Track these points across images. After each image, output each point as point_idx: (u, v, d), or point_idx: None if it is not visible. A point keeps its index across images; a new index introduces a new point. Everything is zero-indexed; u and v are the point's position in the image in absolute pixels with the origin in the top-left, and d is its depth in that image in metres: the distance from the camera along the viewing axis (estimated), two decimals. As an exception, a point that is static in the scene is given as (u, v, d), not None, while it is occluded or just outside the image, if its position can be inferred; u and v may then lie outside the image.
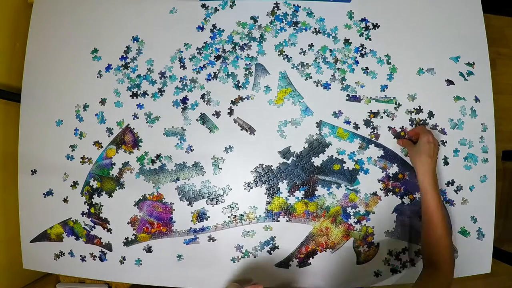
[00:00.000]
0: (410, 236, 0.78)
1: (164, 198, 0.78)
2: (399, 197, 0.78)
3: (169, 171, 0.78)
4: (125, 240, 0.79)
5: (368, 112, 0.79)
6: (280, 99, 0.79)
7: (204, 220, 0.77)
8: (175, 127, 0.79)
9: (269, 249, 0.77)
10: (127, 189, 0.78)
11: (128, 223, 0.78)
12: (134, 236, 0.78)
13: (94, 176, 0.79)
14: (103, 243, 0.79)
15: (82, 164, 0.80)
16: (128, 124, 0.79)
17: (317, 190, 0.77)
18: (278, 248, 0.77)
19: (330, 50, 0.80)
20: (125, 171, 0.79)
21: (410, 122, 0.79)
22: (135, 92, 0.80)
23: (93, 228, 0.79)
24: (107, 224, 0.79)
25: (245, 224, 0.77)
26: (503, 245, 1.33)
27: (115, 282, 1.06)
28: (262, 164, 0.78)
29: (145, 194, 0.78)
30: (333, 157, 0.78)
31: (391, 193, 0.78)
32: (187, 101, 0.79)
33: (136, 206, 0.78)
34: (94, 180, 0.79)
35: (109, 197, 0.79)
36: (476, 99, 0.80)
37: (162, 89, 0.79)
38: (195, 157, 0.78)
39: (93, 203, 0.79)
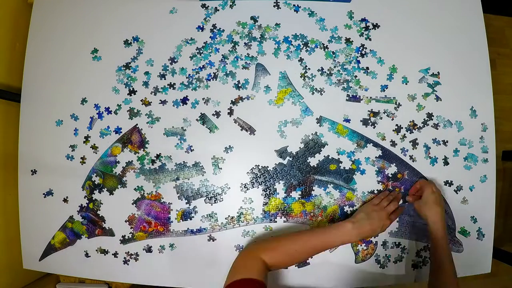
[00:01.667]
0: (412, 235, 0.78)
1: (163, 198, 0.78)
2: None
3: (169, 170, 0.78)
4: (122, 238, 0.79)
5: (368, 112, 0.79)
6: (280, 99, 0.79)
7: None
8: (175, 127, 0.79)
9: (269, 249, 0.77)
10: (128, 189, 0.79)
11: (125, 221, 0.78)
12: (131, 234, 0.78)
13: (97, 172, 0.79)
14: (106, 228, 0.79)
15: (82, 164, 0.80)
16: (137, 124, 0.79)
17: (313, 190, 0.77)
18: (278, 248, 0.77)
19: (333, 52, 0.80)
20: (128, 170, 0.79)
21: (410, 122, 0.79)
22: (135, 91, 0.80)
23: (89, 223, 0.79)
24: (102, 223, 0.79)
25: (242, 225, 0.77)
26: (503, 245, 1.33)
27: (115, 282, 1.06)
28: (258, 165, 0.78)
29: (143, 193, 0.78)
30: (329, 157, 0.78)
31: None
32: (187, 101, 0.79)
33: (134, 204, 0.78)
34: (96, 176, 0.79)
35: (110, 194, 0.79)
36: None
37: (163, 87, 0.79)
38: (195, 157, 0.78)
39: (93, 198, 0.79)
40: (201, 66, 0.79)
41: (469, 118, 0.80)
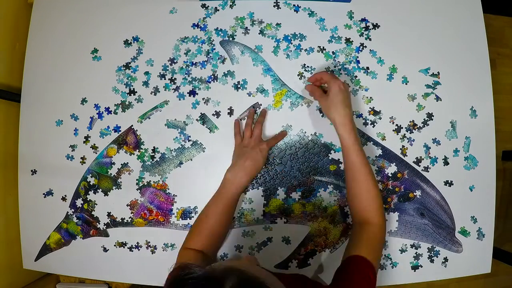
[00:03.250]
0: (412, 235, 0.78)
1: (168, 189, 0.78)
2: (399, 196, 0.78)
3: (170, 158, 0.78)
4: (120, 220, 0.79)
5: (368, 111, 0.79)
6: (278, 102, 0.79)
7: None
8: (177, 120, 0.79)
9: (269, 250, 0.77)
10: (123, 190, 0.79)
11: (127, 205, 0.78)
12: (130, 219, 0.78)
13: (92, 172, 0.79)
14: (100, 229, 0.79)
15: (82, 164, 0.80)
16: (132, 125, 0.79)
17: (314, 190, 0.77)
18: (278, 249, 0.77)
19: (333, 52, 0.80)
20: (123, 172, 0.79)
21: (410, 122, 0.79)
22: (135, 91, 0.80)
23: (83, 224, 0.79)
24: (97, 223, 0.79)
25: (243, 226, 0.77)
26: (503, 245, 1.33)
27: (115, 282, 1.06)
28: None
29: (150, 181, 0.78)
30: (330, 158, 0.78)
31: (391, 193, 0.78)
32: (194, 94, 0.79)
33: (139, 191, 0.78)
34: (91, 177, 0.79)
35: (104, 195, 0.79)
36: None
37: (164, 86, 0.79)
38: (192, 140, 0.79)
39: (88, 199, 0.79)
40: (194, 62, 0.79)
41: (469, 118, 0.80)
